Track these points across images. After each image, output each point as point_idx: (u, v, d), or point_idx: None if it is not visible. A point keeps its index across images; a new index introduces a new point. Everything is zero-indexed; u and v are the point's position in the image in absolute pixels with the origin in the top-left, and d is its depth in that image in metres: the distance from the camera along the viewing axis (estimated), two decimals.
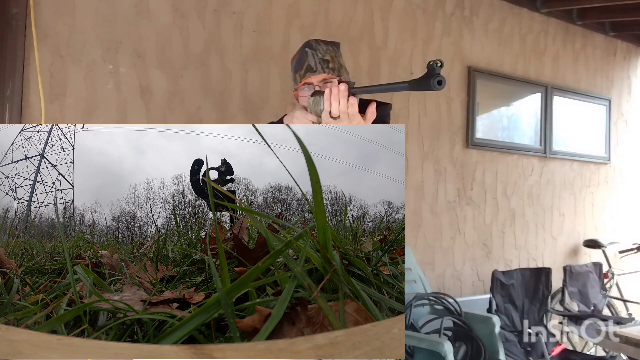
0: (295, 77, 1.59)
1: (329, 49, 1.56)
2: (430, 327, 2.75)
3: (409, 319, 2.73)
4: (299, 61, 1.58)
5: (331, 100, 1.38)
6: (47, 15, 2.25)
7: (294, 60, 1.60)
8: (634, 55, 4.75)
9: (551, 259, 4.13)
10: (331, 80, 1.52)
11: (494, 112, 3.92)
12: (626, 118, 4.71)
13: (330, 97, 1.38)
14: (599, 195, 4.49)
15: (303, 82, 1.55)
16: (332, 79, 1.53)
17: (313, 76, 1.54)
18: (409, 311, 2.73)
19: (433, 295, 2.90)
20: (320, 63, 1.54)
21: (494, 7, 3.75)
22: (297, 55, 1.59)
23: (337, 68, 1.56)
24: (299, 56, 1.58)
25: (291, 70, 1.62)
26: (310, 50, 1.55)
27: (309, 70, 1.54)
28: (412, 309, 2.75)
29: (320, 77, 1.54)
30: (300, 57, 1.57)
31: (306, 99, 1.52)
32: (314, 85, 1.54)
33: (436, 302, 2.86)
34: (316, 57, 1.54)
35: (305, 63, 1.55)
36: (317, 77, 1.54)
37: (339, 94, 1.37)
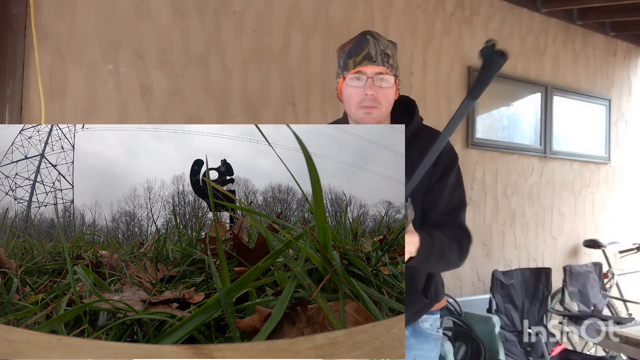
0: (348, 64, 1.41)
1: (389, 45, 1.44)
2: None
3: None
4: (356, 46, 1.41)
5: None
6: (47, 15, 2.25)
7: (347, 46, 1.44)
8: (634, 55, 4.75)
9: (551, 259, 4.13)
10: (385, 77, 1.40)
11: (494, 112, 3.92)
12: (626, 118, 4.71)
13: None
14: (599, 195, 4.49)
15: (357, 70, 1.39)
16: (388, 75, 1.40)
17: (371, 66, 1.38)
18: None
19: None
20: (381, 55, 1.40)
21: (494, 7, 3.75)
22: (354, 41, 1.43)
23: (396, 67, 1.44)
24: (357, 42, 1.42)
25: (340, 57, 1.45)
26: (372, 39, 1.41)
27: (367, 59, 1.38)
28: None
29: (378, 69, 1.39)
30: (359, 42, 1.41)
31: (354, 91, 1.40)
32: (367, 76, 1.39)
33: None
34: (378, 48, 1.40)
35: (365, 50, 1.39)
36: (374, 68, 1.39)
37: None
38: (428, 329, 1.55)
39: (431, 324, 1.56)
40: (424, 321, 1.54)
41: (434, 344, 1.56)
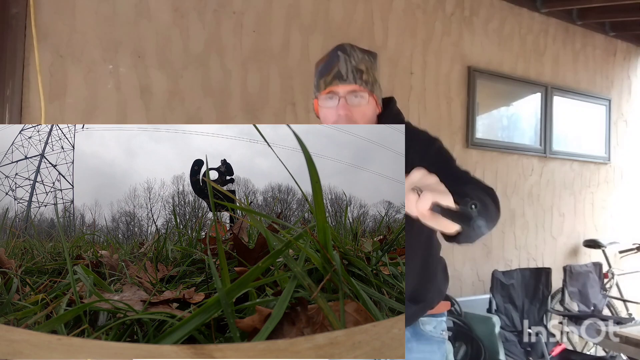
0: (319, 84, 1.35)
1: (364, 58, 1.35)
2: None
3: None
4: (326, 65, 1.34)
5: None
6: (47, 15, 2.25)
7: (321, 64, 1.37)
8: (634, 55, 4.75)
9: (551, 259, 4.13)
10: (360, 94, 1.32)
11: (494, 112, 3.92)
12: (626, 118, 4.71)
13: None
14: (599, 195, 4.49)
15: (328, 90, 1.33)
16: (362, 92, 1.32)
17: (341, 85, 1.31)
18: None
19: None
20: (353, 72, 1.31)
21: (494, 7, 3.75)
22: (326, 58, 1.36)
23: (371, 82, 1.34)
24: (328, 59, 1.35)
25: (315, 75, 1.39)
26: (344, 55, 1.33)
27: (337, 78, 1.31)
28: None
29: (350, 87, 1.31)
30: (330, 60, 1.34)
31: (327, 112, 1.32)
32: (339, 96, 1.31)
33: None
34: (349, 64, 1.32)
35: (335, 68, 1.32)
36: (346, 87, 1.31)
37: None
38: (431, 332, 1.51)
39: (435, 327, 1.52)
40: (425, 324, 1.51)
41: (437, 346, 1.53)
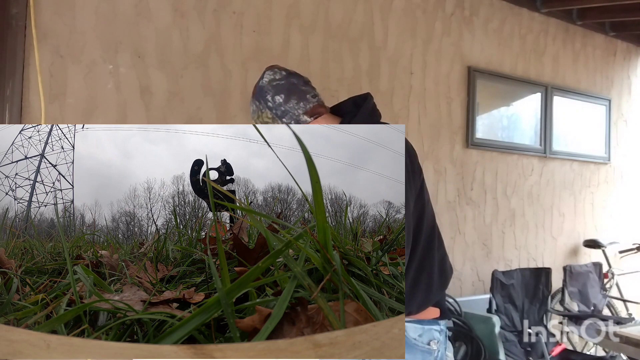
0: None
1: (262, 91, 1.68)
2: None
3: None
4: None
5: None
6: (47, 15, 2.25)
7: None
8: (634, 55, 4.75)
9: (551, 259, 4.13)
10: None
11: (494, 112, 3.92)
12: (626, 118, 4.71)
13: None
14: (599, 195, 4.49)
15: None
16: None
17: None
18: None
19: None
20: (252, 116, 1.64)
21: (494, 7, 3.75)
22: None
23: (277, 112, 1.62)
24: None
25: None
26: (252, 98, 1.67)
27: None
28: None
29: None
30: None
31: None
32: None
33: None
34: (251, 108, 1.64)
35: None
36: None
37: None
38: (414, 340, 1.43)
39: (420, 335, 1.43)
40: (408, 330, 1.42)
41: (420, 356, 1.43)
